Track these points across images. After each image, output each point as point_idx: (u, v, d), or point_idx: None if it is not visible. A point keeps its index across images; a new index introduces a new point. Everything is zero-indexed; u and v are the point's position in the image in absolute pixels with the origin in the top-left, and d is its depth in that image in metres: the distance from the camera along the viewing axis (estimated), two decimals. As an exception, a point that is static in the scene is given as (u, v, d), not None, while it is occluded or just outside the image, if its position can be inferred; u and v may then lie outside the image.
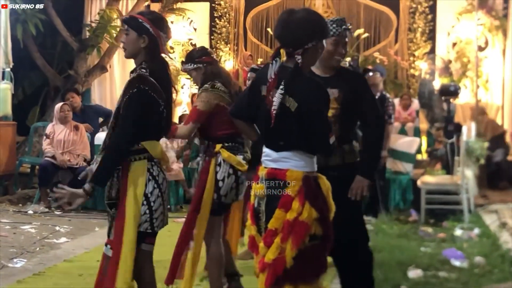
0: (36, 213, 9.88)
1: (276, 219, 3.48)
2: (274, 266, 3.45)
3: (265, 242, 3.50)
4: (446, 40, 15.15)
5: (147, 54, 4.00)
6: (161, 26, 4.08)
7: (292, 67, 3.57)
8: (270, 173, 3.57)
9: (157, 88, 3.85)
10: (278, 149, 3.57)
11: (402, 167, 10.51)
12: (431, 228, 8.81)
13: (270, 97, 3.56)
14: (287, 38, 3.63)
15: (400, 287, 5.91)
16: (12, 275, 6.46)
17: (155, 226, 3.93)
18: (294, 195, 3.48)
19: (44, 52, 14.92)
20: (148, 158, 3.89)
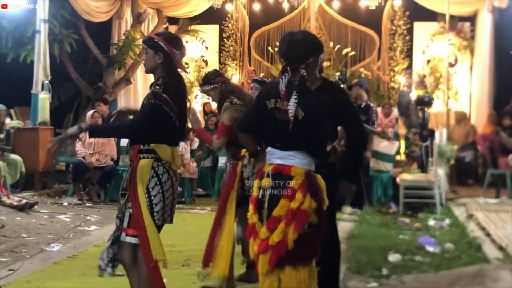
0: (70, 204, 9.89)
1: (280, 207, 3.54)
2: (278, 248, 3.51)
3: (269, 227, 3.54)
4: (421, 58, 15.14)
5: (163, 69, 4.02)
6: (175, 45, 4.07)
7: (298, 80, 3.66)
8: (276, 168, 3.63)
9: (169, 103, 3.86)
10: (284, 149, 3.64)
11: (384, 166, 10.51)
12: (408, 218, 8.80)
13: (282, 107, 3.63)
14: (292, 56, 3.72)
15: (382, 269, 5.90)
16: (49, 257, 6.47)
17: (155, 219, 3.89)
18: (297, 187, 3.55)
19: (77, 67, 14.93)
20: (155, 159, 3.91)
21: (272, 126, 3.70)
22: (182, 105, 4.01)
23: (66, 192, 10.74)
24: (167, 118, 3.86)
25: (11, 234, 7.45)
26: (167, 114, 3.86)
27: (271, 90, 3.76)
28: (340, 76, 10.16)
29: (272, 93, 3.72)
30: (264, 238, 3.55)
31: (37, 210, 9.06)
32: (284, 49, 3.75)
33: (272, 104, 3.69)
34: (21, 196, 9.58)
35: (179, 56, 4.07)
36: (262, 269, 3.57)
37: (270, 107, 3.69)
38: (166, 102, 3.85)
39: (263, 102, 3.75)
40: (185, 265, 6.19)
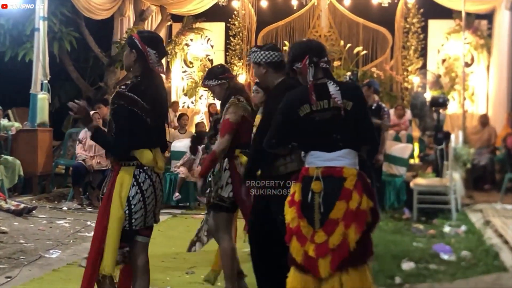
0: (70, 209, 9.90)
1: (338, 209, 3.63)
2: (339, 250, 3.60)
3: (326, 230, 3.62)
4: (436, 57, 15.12)
5: (138, 67, 4.06)
6: (150, 43, 4.06)
7: (322, 75, 3.84)
8: (327, 171, 3.70)
9: (136, 102, 3.86)
10: (331, 150, 3.73)
11: (397, 170, 10.49)
12: (423, 225, 8.77)
13: (322, 107, 3.76)
14: (315, 48, 3.96)
15: (395, 277, 5.88)
16: (48, 264, 6.48)
17: (133, 225, 3.96)
18: (352, 188, 3.65)
19: (77, 66, 14.99)
20: (137, 165, 3.94)
21: (313, 132, 3.78)
22: (158, 105, 4.01)
23: (65, 196, 10.76)
24: (135, 117, 3.87)
25: (8, 240, 7.46)
26: (134, 114, 3.87)
27: (298, 98, 3.83)
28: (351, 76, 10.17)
29: (300, 100, 3.79)
30: (321, 242, 3.62)
31: (36, 215, 9.08)
32: (303, 44, 4.00)
33: (306, 110, 3.77)
34: (19, 201, 9.59)
35: (154, 56, 4.04)
36: (324, 273, 3.63)
37: (305, 113, 3.76)
38: (132, 101, 3.86)
39: (292, 113, 3.80)
40: (189, 273, 6.20)
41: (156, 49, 4.05)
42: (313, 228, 3.67)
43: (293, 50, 4.00)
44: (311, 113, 3.75)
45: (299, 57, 3.89)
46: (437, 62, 15.07)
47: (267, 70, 4.51)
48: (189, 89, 15.97)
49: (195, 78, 15.92)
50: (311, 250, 3.64)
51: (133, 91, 3.87)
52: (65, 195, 10.84)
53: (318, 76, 3.83)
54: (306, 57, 3.83)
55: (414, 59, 15.17)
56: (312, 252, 3.63)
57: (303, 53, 3.89)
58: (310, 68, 3.80)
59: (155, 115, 3.96)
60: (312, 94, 3.73)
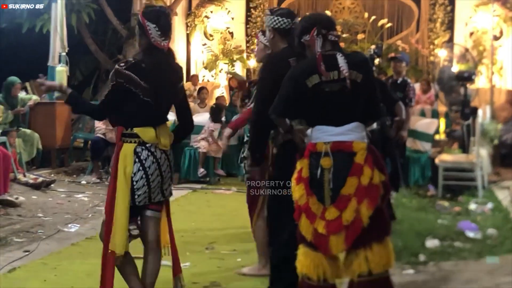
0: (89, 183, 9.97)
1: (349, 185, 3.59)
2: (353, 227, 3.57)
3: (338, 207, 3.59)
4: (463, 30, 14.95)
5: (143, 44, 4.06)
6: (150, 17, 4.02)
7: (330, 47, 3.77)
8: (336, 146, 3.66)
9: (132, 80, 3.84)
10: (340, 124, 3.68)
11: (421, 146, 10.42)
12: (448, 202, 8.71)
13: (331, 78, 3.69)
14: (325, 20, 3.90)
15: (419, 255, 5.86)
16: (67, 238, 6.54)
17: (136, 201, 3.95)
18: (363, 162, 3.61)
19: (96, 39, 15.01)
20: (139, 143, 3.94)
21: (321, 104, 3.73)
22: (161, 83, 3.96)
23: (84, 170, 10.83)
24: (131, 96, 3.86)
25: (26, 213, 7.54)
26: (130, 92, 3.85)
27: (306, 68, 3.78)
28: (375, 49, 9.99)
29: (309, 70, 3.74)
30: (333, 219, 3.59)
31: (54, 189, 9.15)
32: (312, 17, 3.93)
33: (315, 80, 3.71)
34: (37, 174, 9.66)
35: (155, 30, 3.97)
36: (336, 250, 3.63)
37: (313, 84, 3.71)
38: (128, 78, 3.85)
39: (300, 83, 3.74)
40: (209, 248, 6.22)
41: (156, 23, 3.98)
42: (323, 205, 3.64)
43: (302, 23, 3.95)
44: (320, 84, 3.70)
45: (307, 29, 3.83)
46: (465, 35, 14.89)
47: (274, 36, 4.50)
48: (209, 62, 15.93)
49: (215, 51, 15.87)
50: (321, 227, 3.62)
51: (132, 69, 3.86)
52: (84, 169, 10.92)
53: (327, 48, 3.77)
54: (314, 29, 3.78)
55: (441, 32, 15.02)
56: (322, 229, 3.61)
57: (311, 25, 3.83)
58: (318, 39, 3.75)
59: (156, 93, 3.92)
60: (321, 64, 3.67)
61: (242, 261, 5.67)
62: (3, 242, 6.22)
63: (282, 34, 4.46)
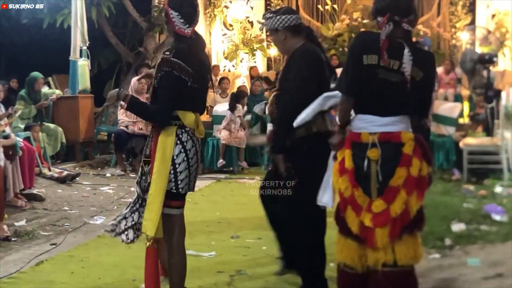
0: (113, 175, 10.04)
1: (398, 176, 3.48)
2: (401, 219, 3.49)
3: (386, 199, 3.49)
4: (485, 12, 14.78)
5: (171, 31, 4.02)
6: (174, 5, 3.95)
7: (401, 35, 3.53)
8: (384, 137, 3.53)
9: (182, 67, 3.81)
10: (385, 114, 3.54)
11: (445, 130, 10.35)
12: (473, 186, 8.66)
13: (390, 66, 3.50)
14: (402, 4, 3.59)
15: (445, 239, 5.83)
16: (93, 230, 6.59)
17: (179, 187, 3.87)
18: (411, 153, 3.50)
19: (116, 32, 15.06)
20: (179, 126, 3.89)
21: (371, 89, 3.54)
22: (201, 68, 3.95)
23: (108, 163, 10.91)
24: (182, 83, 3.83)
25: (52, 207, 7.60)
26: (181, 80, 3.82)
27: (370, 44, 3.55)
28: (396, 34, 9.97)
29: (371, 47, 3.53)
30: (381, 211, 3.49)
31: (79, 182, 9.22)
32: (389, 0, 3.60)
33: (373, 61, 3.50)
34: (62, 168, 9.75)
35: (178, 18, 3.91)
36: (381, 243, 3.51)
37: (369, 64, 3.51)
38: (178, 66, 3.81)
39: (357, 56, 3.55)
40: (234, 237, 6.23)
41: (179, 11, 3.92)
42: (369, 197, 3.53)
43: (377, 3, 3.66)
44: (377, 67, 3.49)
45: (381, 12, 3.59)
46: (486, 17, 14.73)
47: (286, 36, 4.42)
48: (230, 52, 15.91)
49: (235, 41, 15.85)
50: (367, 220, 3.51)
51: (177, 56, 3.83)
52: (108, 162, 10.99)
53: (397, 35, 3.52)
54: (386, 16, 3.53)
55: (462, 15, 14.89)
56: (369, 222, 3.50)
57: (386, 8, 3.58)
58: (387, 26, 3.50)
59: (199, 78, 3.92)
60: (384, 53, 3.48)
61: (268, 250, 5.67)
62: (30, 235, 6.28)
63: (294, 31, 4.41)
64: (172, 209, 3.94)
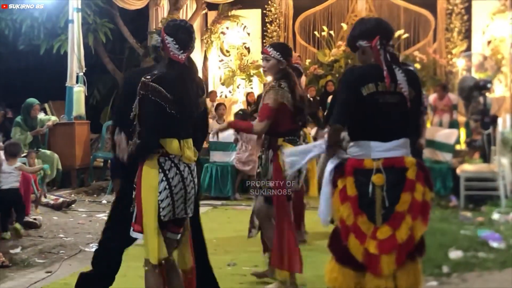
0: (109, 202, 9.98)
1: (403, 202, 3.52)
2: (407, 245, 3.50)
3: (392, 225, 3.51)
4: (481, 39, 14.88)
5: (164, 57, 4.02)
6: (169, 31, 3.98)
7: (390, 57, 3.66)
8: (388, 162, 3.57)
9: (159, 92, 3.81)
10: (388, 139, 3.59)
11: (442, 156, 10.38)
12: (470, 212, 8.67)
13: (387, 89, 3.60)
14: (386, 29, 3.79)
15: (442, 266, 5.83)
16: (88, 258, 6.50)
17: (161, 215, 3.86)
18: (415, 178, 3.55)
19: (113, 58, 15.14)
20: (162, 153, 3.88)
21: (373, 115, 3.61)
22: (184, 95, 3.95)
23: (104, 190, 10.89)
24: (159, 108, 3.82)
25: (48, 234, 7.58)
26: (158, 104, 3.82)
27: (363, 75, 3.65)
28: (392, 60, 10.04)
29: (365, 78, 3.62)
30: (386, 238, 3.50)
31: (75, 209, 9.21)
32: (374, 23, 3.81)
33: (371, 89, 3.59)
34: (58, 195, 9.74)
35: (173, 43, 3.94)
36: (387, 270, 3.51)
37: (369, 93, 3.58)
38: (155, 91, 3.81)
39: (356, 90, 3.61)
40: (230, 265, 6.22)
41: (174, 37, 3.95)
42: (374, 224, 3.53)
43: (361, 26, 3.80)
44: (375, 93, 3.58)
45: (366, 35, 3.71)
46: (482, 44, 14.83)
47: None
48: (227, 78, 15.98)
49: (232, 67, 15.93)
50: (372, 247, 3.50)
51: (157, 81, 3.84)
52: (104, 188, 10.97)
53: (386, 59, 3.65)
54: (376, 38, 3.65)
55: (458, 41, 14.97)
56: (374, 249, 3.49)
57: (373, 32, 3.70)
58: (381, 50, 3.63)
59: (180, 106, 3.90)
60: (387, 75, 3.57)
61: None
62: (25, 263, 6.26)
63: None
64: (169, 233, 4.01)
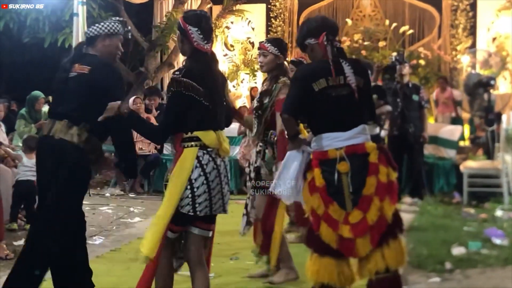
0: (113, 195, 10.05)
1: (369, 185, 3.73)
2: (378, 225, 3.70)
3: (362, 208, 3.70)
4: (486, 35, 14.84)
5: (187, 50, 4.00)
6: (192, 21, 3.94)
7: (336, 52, 3.87)
8: (350, 150, 3.77)
9: (193, 86, 3.81)
10: (347, 128, 3.80)
11: (446, 153, 10.38)
12: (473, 209, 8.67)
13: (337, 83, 3.83)
14: (332, 26, 4.06)
15: (445, 263, 5.83)
16: (92, 251, 6.52)
17: (197, 210, 3.84)
18: (377, 161, 3.76)
19: (117, 51, 15.11)
20: (200, 146, 3.86)
21: (328, 109, 3.83)
22: (214, 85, 3.95)
23: (108, 183, 10.90)
24: (194, 102, 3.83)
25: (51, 226, 7.59)
26: (192, 99, 3.82)
27: (313, 72, 3.89)
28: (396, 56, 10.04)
29: (315, 74, 3.84)
30: (358, 221, 3.69)
31: (78, 202, 9.21)
32: (320, 21, 4.05)
33: (322, 85, 3.81)
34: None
35: (197, 33, 3.91)
36: (363, 252, 3.72)
37: (320, 88, 3.81)
38: (187, 86, 3.82)
39: (307, 86, 3.83)
40: (233, 258, 6.23)
41: (198, 26, 3.92)
42: (345, 210, 3.72)
43: (308, 25, 4.03)
44: (327, 88, 3.81)
45: (313, 33, 3.95)
46: (487, 40, 14.78)
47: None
48: (231, 73, 15.96)
49: (236, 62, 15.91)
50: (346, 231, 3.70)
51: (187, 75, 3.84)
52: (108, 181, 10.99)
53: (333, 54, 3.86)
54: (323, 34, 3.88)
55: (463, 38, 14.93)
56: (348, 233, 3.69)
57: (319, 29, 3.94)
58: (328, 45, 3.86)
59: (212, 96, 3.90)
60: (333, 69, 3.79)
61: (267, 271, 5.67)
62: (29, 255, 6.27)
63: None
64: (197, 228, 3.95)
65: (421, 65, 14.47)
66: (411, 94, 9.45)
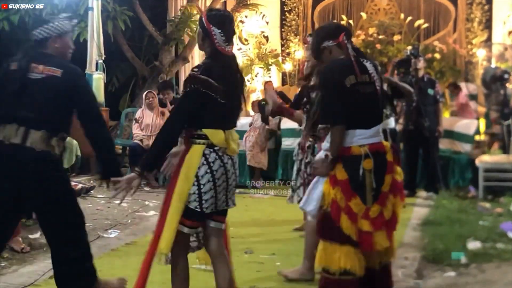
0: (128, 189, 10.04)
1: (387, 183, 3.90)
2: (392, 220, 3.95)
3: (381, 204, 3.87)
4: (502, 29, 14.73)
5: (207, 47, 3.99)
6: (215, 22, 3.94)
7: (354, 54, 3.95)
8: (374, 148, 3.89)
9: (210, 84, 3.81)
10: (370, 126, 3.91)
11: (461, 147, 10.34)
12: (489, 203, 8.63)
13: (365, 80, 3.92)
14: (346, 27, 4.34)
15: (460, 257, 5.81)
16: (107, 244, 6.61)
17: (203, 207, 3.87)
18: (393, 160, 3.95)
19: (132, 45, 15.14)
20: (208, 145, 3.88)
21: (357, 105, 3.90)
22: (231, 86, 3.96)
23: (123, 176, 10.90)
24: (210, 100, 3.83)
25: (67, 220, 7.62)
26: (208, 96, 3.82)
27: (343, 68, 3.93)
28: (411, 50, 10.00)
29: (345, 70, 3.90)
30: (376, 216, 3.86)
31: (94, 195, 9.26)
32: (334, 25, 4.50)
33: (352, 80, 3.88)
34: (76, 181, 9.78)
35: (220, 35, 3.91)
36: (381, 245, 3.90)
37: (351, 84, 3.87)
38: (205, 83, 3.81)
39: (340, 83, 3.88)
40: (247, 252, 6.23)
41: (222, 28, 3.92)
42: (365, 204, 3.85)
43: (325, 29, 4.20)
44: (356, 84, 3.88)
45: (331, 34, 4.03)
46: (503, 34, 14.66)
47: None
48: (245, 67, 15.91)
49: (250, 56, 15.87)
50: (366, 225, 3.84)
51: (206, 73, 3.83)
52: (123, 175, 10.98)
53: (352, 54, 3.96)
54: (342, 34, 3.99)
55: (479, 31, 14.83)
56: (368, 227, 3.84)
57: (337, 31, 4.05)
58: (349, 44, 3.95)
59: (229, 95, 3.91)
60: (356, 67, 3.87)
61: (282, 265, 5.67)
62: (44, 248, 6.29)
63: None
64: (213, 222, 4.04)
65: (436, 59, 14.38)
66: (426, 88, 9.43)
